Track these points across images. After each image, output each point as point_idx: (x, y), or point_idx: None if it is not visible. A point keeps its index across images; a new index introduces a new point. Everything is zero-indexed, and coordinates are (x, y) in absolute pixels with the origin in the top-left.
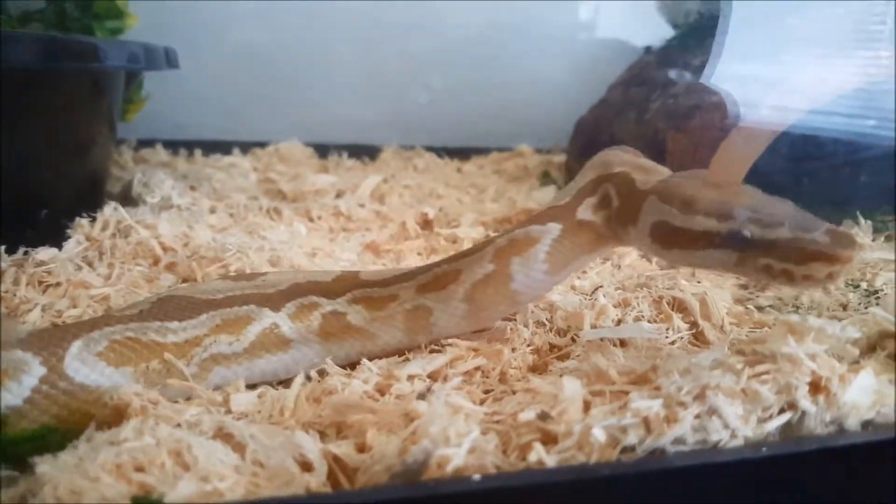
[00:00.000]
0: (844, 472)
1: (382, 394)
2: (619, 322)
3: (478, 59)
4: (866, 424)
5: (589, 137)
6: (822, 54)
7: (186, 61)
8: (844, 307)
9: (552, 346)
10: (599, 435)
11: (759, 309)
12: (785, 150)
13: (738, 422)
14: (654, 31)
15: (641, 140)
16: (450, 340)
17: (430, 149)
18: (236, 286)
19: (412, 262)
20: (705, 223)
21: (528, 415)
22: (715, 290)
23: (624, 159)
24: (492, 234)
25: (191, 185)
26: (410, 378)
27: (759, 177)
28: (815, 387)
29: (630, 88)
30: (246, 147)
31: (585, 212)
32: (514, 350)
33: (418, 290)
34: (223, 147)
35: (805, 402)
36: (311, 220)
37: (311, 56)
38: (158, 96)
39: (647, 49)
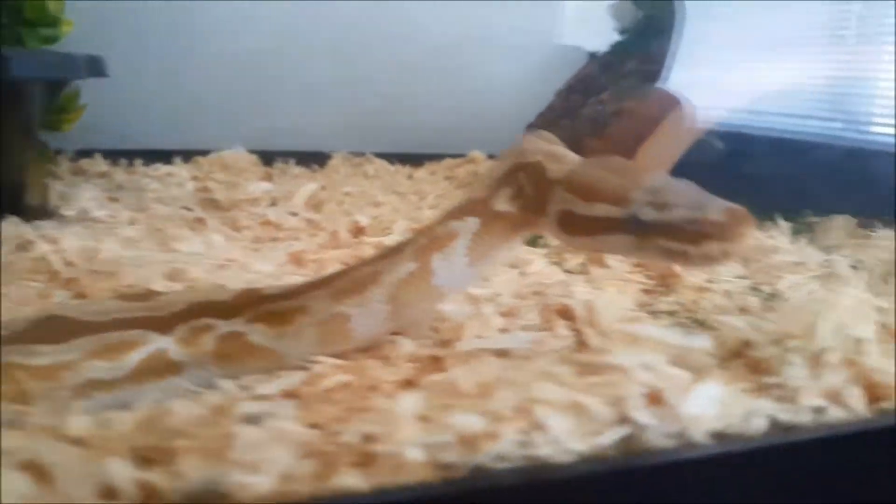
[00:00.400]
0: (684, 486)
1: (224, 415)
2: (503, 331)
3: (432, 65)
4: (719, 436)
5: None
6: (782, 54)
7: (131, 69)
8: (745, 312)
9: (434, 359)
10: (416, 454)
11: (658, 315)
12: (724, 148)
13: (566, 436)
14: (608, 36)
15: (569, 147)
16: (317, 357)
17: (382, 155)
18: (129, 307)
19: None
20: (605, 210)
21: (352, 436)
22: (618, 295)
23: (538, 147)
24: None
25: (112, 197)
26: (262, 398)
27: (691, 172)
28: (653, 398)
29: (571, 95)
30: (189, 156)
31: (501, 203)
32: (392, 365)
33: (334, 297)
34: (166, 156)
35: (639, 415)
36: (236, 229)
37: (260, 62)
38: (101, 105)
39: (593, 55)
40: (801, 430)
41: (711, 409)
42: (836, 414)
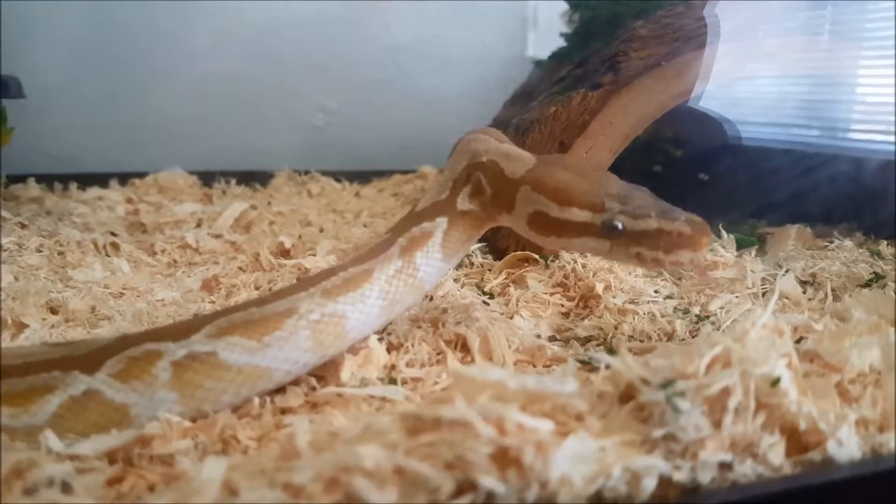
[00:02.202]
0: None
1: (19, 479)
2: (392, 367)
3: (378, 81)
4: (597, 500)
5: None
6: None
7: (70, 91)
8: (669, 337)
9: (308, 405)
10: None
11: (579, 340)
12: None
13: None
14: (556, 43)
15: None
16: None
17: (328, 173)
18: (48, 350)
19: (245, 297)
20: (581, 215)
21: None
22: (534, 320)
23: (489, 147)
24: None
25: (22, 223)
26: (74, 458)
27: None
28: (503, 459)
29: (514, 105)
30: (128, 178)
31: (463, 202)
32: (256, 416)
33: (324, 295)
34: (103, 179)
35: (488, 480)
36: (152, 254)
37: (202, 82)
38: (35, 129)
39: (537, 63)
40: (703, 492)
41: (583, 468)
42: (746, 470)
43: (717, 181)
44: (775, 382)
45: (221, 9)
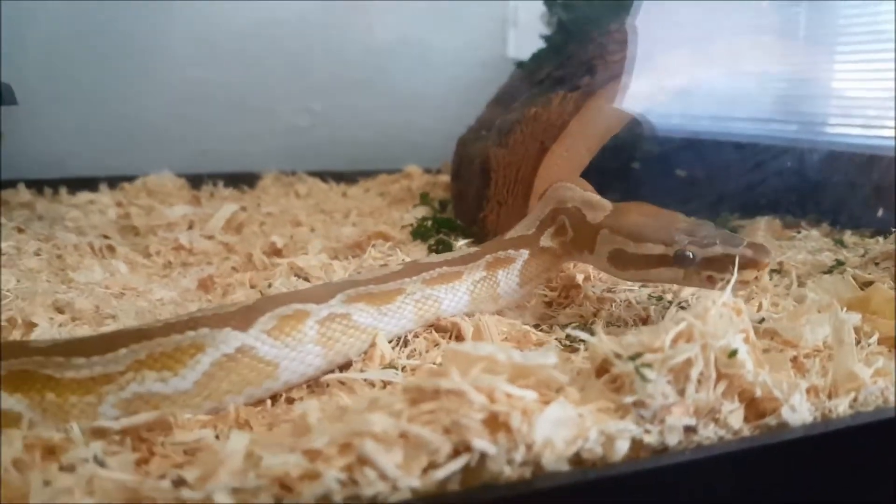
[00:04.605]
0: None
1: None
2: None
3: (361, 82)
4: (576, 461)
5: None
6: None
7: (56, 97)
8: (644, 322)
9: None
10: (223, 500)
11: (562, 327)
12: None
13: (397, 471)
14: (536, 43)
15: (479, 158)
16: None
17: (314, 174)
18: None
19: (241, 295)
20: (655, 249)
21: (164, 482)
22: (519, 310)
23: (575, 195)
24: (351, 258)
25: (19, 227)
26: (97, 433)
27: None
28: (493, 424)
29: (497, 106)
30: (116, 182)
31: (546, 240)
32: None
33: (424, 283)
34: (93, 183)
35: (481, 443)
36: (147, 256)
37: (188, 85)
38: (22, 133)
39: (519, 64)
40: (670, 452)
41: (564, 432)
42: (709, 433)
43: (690, 177)
44: (732, 354)
45: (207, 13)
